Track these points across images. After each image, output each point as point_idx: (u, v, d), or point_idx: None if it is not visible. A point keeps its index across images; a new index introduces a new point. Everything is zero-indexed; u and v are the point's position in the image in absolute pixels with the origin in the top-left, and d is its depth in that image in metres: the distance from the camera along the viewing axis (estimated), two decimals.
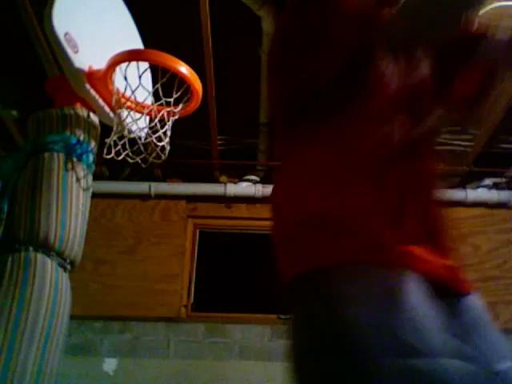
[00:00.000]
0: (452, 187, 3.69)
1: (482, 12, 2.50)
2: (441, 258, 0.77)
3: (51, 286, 1.49)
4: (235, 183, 3.66)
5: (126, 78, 1.65)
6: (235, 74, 2.90)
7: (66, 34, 1.60)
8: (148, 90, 1.77)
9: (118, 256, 3.46)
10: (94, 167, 1.76)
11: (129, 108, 1.76)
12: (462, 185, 3.66)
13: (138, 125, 1.78)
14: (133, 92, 1.70)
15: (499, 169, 3.51)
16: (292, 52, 0.82)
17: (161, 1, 2.47)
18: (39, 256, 1.51)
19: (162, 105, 1.78)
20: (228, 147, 3.39)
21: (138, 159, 1.80)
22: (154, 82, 1.82)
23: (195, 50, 2.56)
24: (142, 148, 1.81)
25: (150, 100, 1.83)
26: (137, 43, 2.06)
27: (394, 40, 0.80)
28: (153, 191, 3.60)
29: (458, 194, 3.59)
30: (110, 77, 1.68)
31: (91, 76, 1.69)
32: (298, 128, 0.84)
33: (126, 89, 1.69)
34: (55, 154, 1.63)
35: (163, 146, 1.82)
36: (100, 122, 1.81)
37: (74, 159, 1.66)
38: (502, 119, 3.05)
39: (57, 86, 1.80)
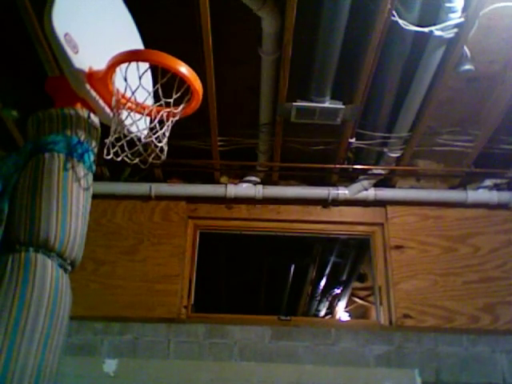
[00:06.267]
0: (452, 188, 3.69)
1: (482, 12, 2.49)
2: None
3: (51, 286, 1.48)
4: (235, 184, 3.66)
5: (125, 79, 1.65)
6: (235, 74, 2.90)
7: (65, 35, 1.60)
8: (148, 91, 1.77)
9: (118, 256, 3.46)
10: (94, 168, 1.76)
11: (129, 109, 1.76)
12: (463, 186, 3.66)
13: (138, 126, 1.78)
14: (133, 93, 1.70)
15: (500, 170, 3.50)
16: None
17: (161, 1, 2.47)
18: (39, 256, 1.50)
19: (162, 105, 1.77)
20: (228, 148, 3.39)
21: (136, 160, 1.79)
22: (155, 82, 1.82)
23: (195, 49, 2.56)
24: (141, 149, 1.81)
25: (150, 101, 1.83)
26: (137, 43, 2.06)
27: None
28: (153, 192, 3.60)
29: (458, 195, 3.59)
30: (110, 77, 1.68)
31: (91, 76, 1.69)
32: None
33: (126, 89, 1.69)
34: (55, 155, 1.63)
35: (161, 147, 1.81)
36: (100, 122, 1.81)
37: (75, 160, 1.66)
38: (501, 119, 3.05)
39: (57, 86, 1.80)
